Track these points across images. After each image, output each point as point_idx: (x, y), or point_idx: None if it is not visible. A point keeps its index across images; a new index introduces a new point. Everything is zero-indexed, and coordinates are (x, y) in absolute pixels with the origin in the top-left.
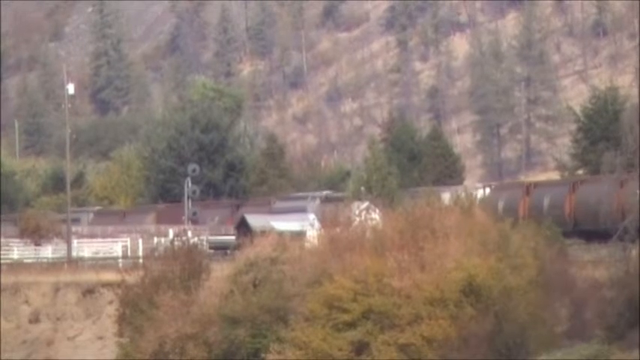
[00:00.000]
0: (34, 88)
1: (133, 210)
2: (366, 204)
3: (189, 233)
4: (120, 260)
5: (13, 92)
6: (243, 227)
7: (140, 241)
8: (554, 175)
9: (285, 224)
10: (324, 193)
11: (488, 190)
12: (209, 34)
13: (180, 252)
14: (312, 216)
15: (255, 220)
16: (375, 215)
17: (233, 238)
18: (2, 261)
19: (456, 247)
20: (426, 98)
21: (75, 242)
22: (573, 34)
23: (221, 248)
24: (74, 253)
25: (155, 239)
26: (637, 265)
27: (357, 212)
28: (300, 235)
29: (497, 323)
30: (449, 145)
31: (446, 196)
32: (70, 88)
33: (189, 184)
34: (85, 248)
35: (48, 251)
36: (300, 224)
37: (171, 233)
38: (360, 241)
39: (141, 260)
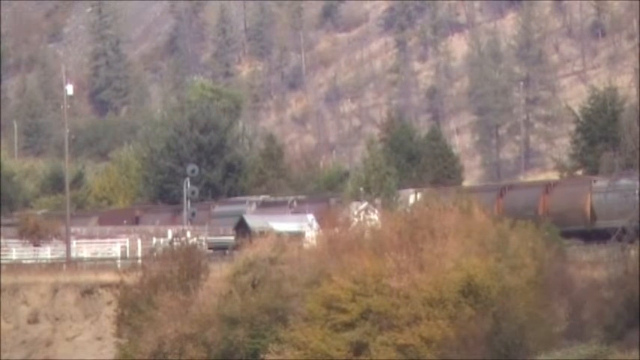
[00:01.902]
0: (33, 89)
1: (77, 214)
2: (364, 204)
3: (189, 234)
4: (118, 261)
5: (12, 93)
6: (242, 227)
7: (139, 241)
8: (553, 176)
9: (283, 225)
10: (261, 197)
11: (419, 195)
12: (208, 35)
13: (179, 252)
14: (310, 216)
15: (253, 221)
16: (374, 216)
17: (232, 238)
18: (2, 261)
19: (455, 247)
20: (424, 98)
21: (74, 243)
22: (572, 34)
23: (220, 248)
24: (73, 254)
25: (154, 240)
26: (636, 265)
27: (355, 213)
28: (298, 235)
29: (496, 323)
30: (447, 146)
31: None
32: (69, 89)
33: (188, 184)
34: (84, 249)
35: (47, 252)
36: (299, 225)
37: (170, 234)
38: (358, 241)
39: (139, 261)
